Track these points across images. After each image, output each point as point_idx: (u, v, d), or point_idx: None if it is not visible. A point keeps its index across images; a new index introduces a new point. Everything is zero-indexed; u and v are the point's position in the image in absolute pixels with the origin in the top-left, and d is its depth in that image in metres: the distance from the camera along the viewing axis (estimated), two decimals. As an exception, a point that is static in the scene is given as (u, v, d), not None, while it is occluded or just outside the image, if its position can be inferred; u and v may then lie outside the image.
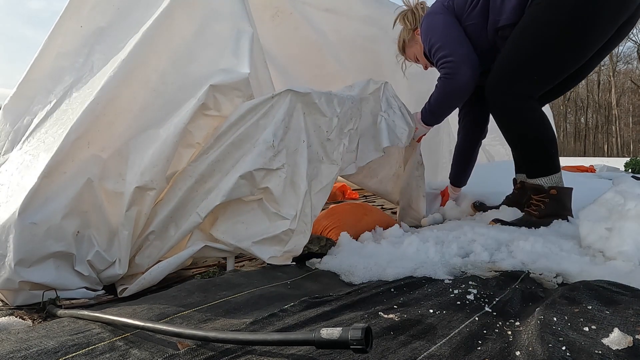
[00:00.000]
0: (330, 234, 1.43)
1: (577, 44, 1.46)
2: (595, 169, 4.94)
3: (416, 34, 1.87)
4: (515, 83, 1.53)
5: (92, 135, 1.10)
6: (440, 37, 1.65)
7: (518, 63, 1.51)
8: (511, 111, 1.56)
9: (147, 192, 1.10)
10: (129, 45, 1.18)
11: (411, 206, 1.89)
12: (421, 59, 1.91)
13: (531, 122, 1.54)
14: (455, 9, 1.68)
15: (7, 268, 0.94)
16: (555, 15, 1.43)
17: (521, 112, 1.54)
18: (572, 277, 1.06)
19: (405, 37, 1.92)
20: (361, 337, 0.59)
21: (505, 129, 1.64)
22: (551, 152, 1.56)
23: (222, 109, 1.20)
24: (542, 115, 1.55)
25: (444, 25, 1.67)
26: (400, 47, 1.97)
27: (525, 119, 1.55)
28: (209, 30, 1.28)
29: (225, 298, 0.93)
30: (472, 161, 2.08)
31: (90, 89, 1.16)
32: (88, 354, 0.67)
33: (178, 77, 1.22)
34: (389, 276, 1.08)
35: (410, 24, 1.88)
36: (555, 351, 0.65)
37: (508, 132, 1.64)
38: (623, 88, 33.75)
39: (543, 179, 1.57)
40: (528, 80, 1.52)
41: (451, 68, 1.62)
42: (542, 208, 1.56)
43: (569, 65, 1.51)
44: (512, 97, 1.54)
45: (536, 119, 1.54)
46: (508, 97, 1.54)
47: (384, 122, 1.57)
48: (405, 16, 1.89)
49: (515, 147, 1.69)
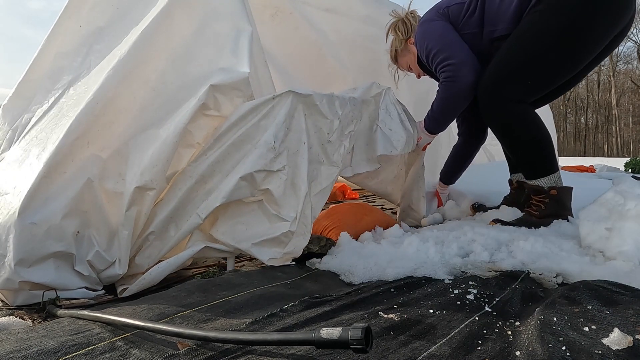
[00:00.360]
0: (330, 234, 1.43)
1: (572, 53, 1.46)
2: (595, 169, 4.94)
3: (409, 43, 1.87)
4: (507, 88, 1.52)
5: (92, 135, 1.10)
6: (438, 42, 1.65)
7: (512, 68, 1.51)
8: (503, 115, 1.55)
9: (147, 192, 1.10)
10: (126, 43, 1.18)
11: (411, 206, 1.89)
12: (414, 67, 1.91)
13: (524, 124, 1.54)
14: (451, 17, 1.68)
15: (7, 268, 0.94)
16: (551, 24, 1.43)
17: (513, 115, 1.54)
18: (572, 277, 1.06)
19: (397, 47, 1.91)
20: (361, 337, 0.59)
21: (498, 132, 1.64)
22: (548, 152, 1.55)
23: (222, 109, 1.20)
24: (535, 117, 1.55)
25: (441, 30, 1.66)
26: (392, 56, 1.97)
27: (518, 121, 1.54)
28: (208, 29, 1.28)
29: (225, 298, 0.93)
30: (467, 163, 2.09)
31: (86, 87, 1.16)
32: (88, 354, 0.67)
33: (178, 76, 1.22)
34: (389, 276, 1.08)
35: (402, 34, 1.87)
36: (555, 351, 0.65)
37: (502, 136, 1.64)
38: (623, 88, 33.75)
39: (542, 179, 1.57)
40: (521, 86, 1.51)
41: (452, 71, 1.61)
42: (542, 208, 1.56)
43: (562, 73, 1.52)
44: (503, 101, 1.53)
45: (529, 121, 1.54)
46: (499, 101, 1.54)
47: (379, 131, 1.57)
48: (396, 27, 1.89)
49: (511, 150, 1.68)
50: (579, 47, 1.45)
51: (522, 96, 1.53)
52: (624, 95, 34.02)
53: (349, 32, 2.29)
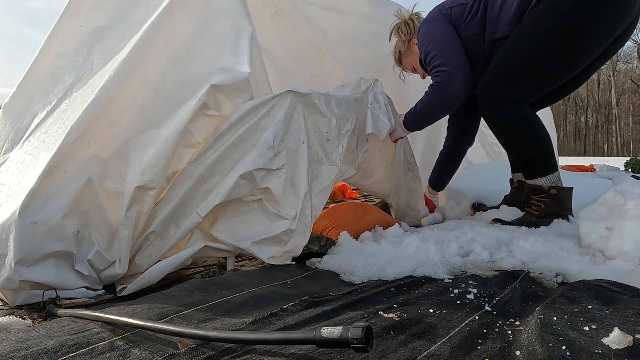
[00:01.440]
0: (330, 234, 1.43)
1: (571, 53, 1.45)
2: (595, 169, 4.94)
3: (412, 44, 1.86)
4: (506, 88, 1.52)
5: (92, 135, 1.10)
6: (437, 46, 1.65)
7: (510, 68, 1.51)
8: (502, 115, 1.56)
9: (147, 191, 1.10)
10: (128, 45, 1.18)
11: (410, 206, 1.89)
12: (418, 68, 1.91)
13: (522, 124, 1.54)
14: (453, 18, 1.68)
15: (7, 267, 0.94)
16: (550, 23, 1.43)
17: (511, 116, 1.54)
18: (572, 277, 1.06)
19: (400, 48, 1.91)
20: (362, 336, 0.59)
21: (497, 132, 1.64)
22: (547, 151, 1.55)
23: (223, 109, 1.20)
24: (534, 116, 1.55)
25: (441, 34, 1.67)
26: (396, 58, 1.97)
27: (517, 121, 1.54)
28: (208, 29, 1.28)
29: (226, 297, 0.93)
30: (454, 168, 2.10)
31: (91, 89, 1.16)
32: (88, 354, 0.67)
33: (178, 76, 1.22)
34: (389, 275, 1.08)
35: (405, 35, 1.87)
36: (555, 351, 0.65)
37: (501, 136, 1.64)
38: (623, 87, 33.74)
39: (542, 179, 1.57)
40: (519, 86, 1.51)
41: (444, 78, 1.61)
42: (542, 208, 1.56)
43: (562, 73, 1.51)
44: (502, 101, 1.53)
45: (527, 121, 1.54)
46: (498, 101, 1.54)
47: (369, 112, 1.59)
48: (399, 28, 1.89)
49: (510, 150, 1.68)
50: (579, 47, 1.44)
51: (521, 96, 1.53)
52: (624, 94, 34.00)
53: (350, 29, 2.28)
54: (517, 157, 1.67)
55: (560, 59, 1.46)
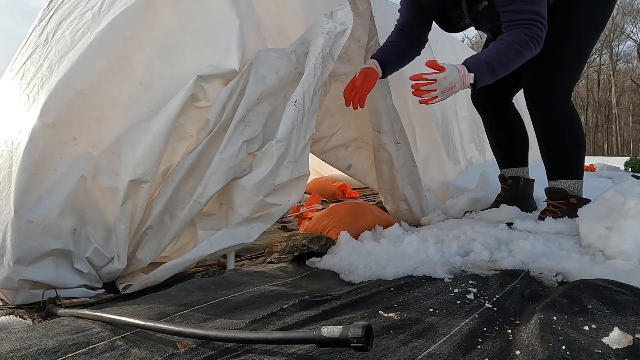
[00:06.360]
0: (330, 233, 1.43)
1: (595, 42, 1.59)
2: (595, 168, 4.94)
3: None
4: (561, 80, 1.54)
5: (77, 130, 1.08)
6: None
7: (562, 60, 1.52)
8: (555, 109, 1.55)
9: (141, 185, 1.09)
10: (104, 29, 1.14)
11: (410, 205, 1.89)
12: None
13: (572, 121, 1.55)
14: None
15: (6, 267, 0.94)
16: (590, 15, 1.50)
17: (565, 111, 1.55)
18: (572, 276, 1.06)
19: None
20: (362, 335, 0.59)
21: (543, 126, 1.59)
22: (581, 156, 1.56)
23: (212, 99, 1.18)
24: (580, 119, 1.57)
25: None
26: None
27: (568, 117, 1.55)
28: (194, 21, 1.25)
29: (226, 297, 0.93)
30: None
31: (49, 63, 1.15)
32: (88, 353, 0.67)
33: (166, 69, 1.20)
34: (389, 275, 1.08)
35: None
36: (555, 350, 0.65)
37: (545, 130, 1.58)
38: (623, 87, 33.72)
39: (566, 181, 1.55)
40: (572, 78, 1.56)
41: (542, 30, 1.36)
42: (558, 215, 1.53)
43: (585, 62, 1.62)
44: (556, 95, 1.54)
45: (576, 120, 1.55)
46: (552, 95, 1.54)
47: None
48: None
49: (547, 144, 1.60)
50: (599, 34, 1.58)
51: (571, 88, 1.57)
52: (624, 94, 34.00)
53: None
54: (551, 153, 1.60)
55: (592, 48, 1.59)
